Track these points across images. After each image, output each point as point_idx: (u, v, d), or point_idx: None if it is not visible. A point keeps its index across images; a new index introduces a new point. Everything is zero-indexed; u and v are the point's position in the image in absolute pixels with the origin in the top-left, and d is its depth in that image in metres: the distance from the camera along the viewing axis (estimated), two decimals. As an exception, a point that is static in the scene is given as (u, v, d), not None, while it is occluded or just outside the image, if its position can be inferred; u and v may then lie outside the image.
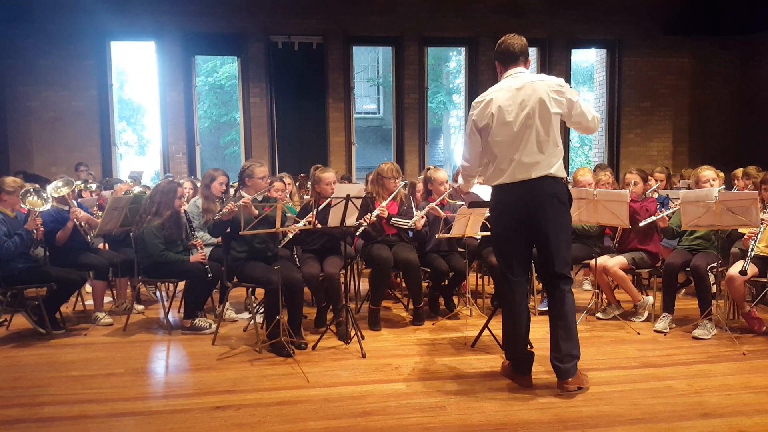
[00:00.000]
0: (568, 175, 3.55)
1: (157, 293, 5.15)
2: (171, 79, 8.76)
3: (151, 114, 21.59)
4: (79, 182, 5.68)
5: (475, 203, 3.67)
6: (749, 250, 3.69)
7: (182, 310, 4.34)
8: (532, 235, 2.98)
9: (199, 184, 5.36)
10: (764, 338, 3.83)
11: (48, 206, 4.20)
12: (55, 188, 4.35)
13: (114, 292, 4.98)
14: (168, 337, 4.10)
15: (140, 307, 4.81)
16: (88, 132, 8.65)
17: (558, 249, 2.94)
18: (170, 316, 4.54)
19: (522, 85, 2.93)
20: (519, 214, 2.95)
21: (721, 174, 4.46)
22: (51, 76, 8.48)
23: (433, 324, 4.29)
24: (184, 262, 4.15)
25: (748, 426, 2.61)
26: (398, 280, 5.35)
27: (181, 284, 4.48)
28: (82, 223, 4.46)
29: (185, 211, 4.43)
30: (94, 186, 5.95)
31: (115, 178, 8.25)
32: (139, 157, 21.60)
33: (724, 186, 4.21)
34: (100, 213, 4.84)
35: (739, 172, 5.67)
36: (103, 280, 4.58)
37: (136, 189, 5.46)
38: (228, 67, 17.70)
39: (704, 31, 9.51)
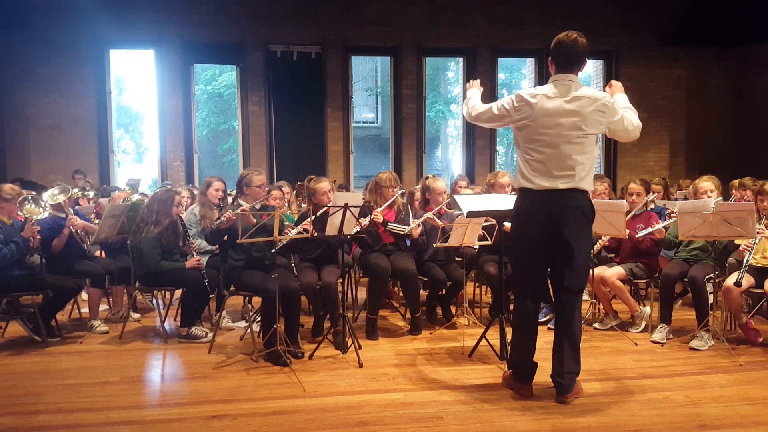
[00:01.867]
0: None
1: (154, 301, 5.14)
2: (170, 87, 8.80)
3: (150, 122, 21.62)
4: (76, 190, 5.67)
5: (474, 213, 3.68)
6: (744, 261, 3.71)
7: (179, 319, 4.33)
8: (552, 246, 2.92)
9: (196, 192, 5.36)
10: (761, 349, 3.83)
11: (45, 214, 4.20)
12: (52, 196, 4.34)
13: (110, 300, 4.96)
14: (164, 346, 4.08)
15: (136, 316, 4.78)
16: (86, 139, 8.66)
17: (575, 263, 2.90)
18: (166, 325, 4.52)
19: (570, 97, 2.87)
20: (542, 223, 2.90)
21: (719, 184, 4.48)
22: (50, 83, 8.50)
23: (430, 333, 4.28)
24: (181, 269, 4.14)
25: (745, 437, 2.60)
26: (395, 289, 5.34)
27: (178, 292, 4.46)
28: (79, 231, 4.45)
29: (180, 218, 4.42)
30: (91, 194, 5.95)
31: (112, 185, 8.25)
32: (137, 165, 21.61)
33: (721, 197, 4.22)
34: (97, 220, 4.83)
35: (735, 182, 5.69)
36: (100, 288, 4.55)
37: (134, 197, 5.46)
38: (227, 76, 17.78)
39: (700, 43, 9.61)
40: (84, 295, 5.03)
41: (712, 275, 3.92)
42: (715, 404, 2.95)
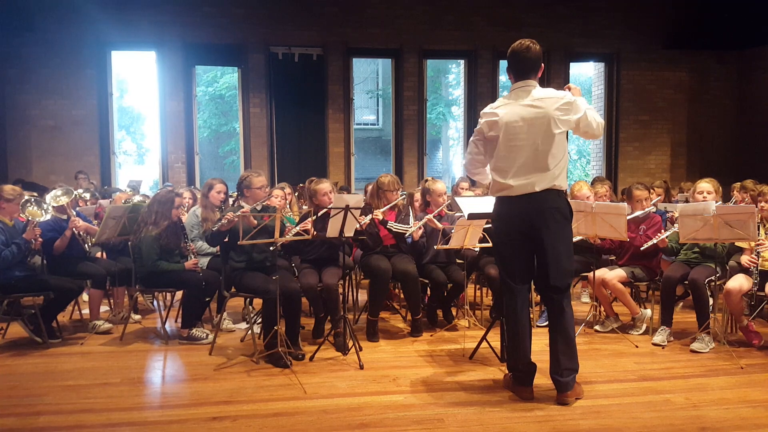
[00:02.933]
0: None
1: (155, 303, 5.14)
2: (171, 88, 8.81)
3: (151, 123, 21.67)
4: (80, 191, 5.68)
5: (474, 215, 3.68)
6: (751, 273, 3.78)
7: (179, 320, 4.33)
8: (534, 247, 3.00)
9: (198, 194, 5.37)
10: (762, 352, 3.82)
11: (48, 217, 4.21)
12: (54, 197, 4.35)
13: (111, 301, 4.96)
14: (165, 347, 4.08)
15: (137, 317, 4.79)
16: (87, 141, 8.67)
17: (557, 262, 2.95)
18: (167, 326, 4.52)
19: (530, 102, 2.96)
20: (521, 226, 2.97)
21: (719, 187, 4.48)
22: (51, 84, 8.52)
23: (431, 335, 4.28)
24: (181, 271, 4.14)
25: (746, 440, 2.60)
26: (396, 291, 5.34)
27: (179, 294, 4.46)
28: (81, 233, 4.45)
29: (180, 219, 4.43)
30: (87, 195, 5.95)
31: (113, 187, 8.26)
32: (138, 166, 21.64)
33: (720, 201, 4.21)
34: (97, 222, 4.84)
35: (737, 185, 5.69)
36: (101, 289, 4.56)
37: (135, 198, 5.47)
38: (228, 78, 17.80)
39: (701, 46, 9.61)
40: (85, 297, 5.04)
41: (713, 278, 3.92)
42: (715, 407, 2.94)
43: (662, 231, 4.22)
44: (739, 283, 3.83)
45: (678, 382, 3.30)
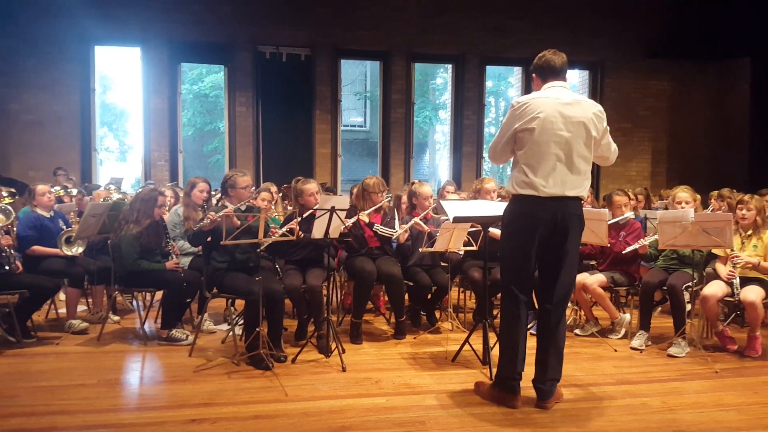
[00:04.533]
0: None
1: (134, 303, 5.07)
2: (156, 85, 8.71)
3: (134, 120, 21.41)
4: (57, 188, 5.58)
5: (460, 218, 3.70)
6: (732, 285, 3.85)
7: (159, 321, 4.27)
8: (546, 254, 2.87)
9: (180, 193, 5.31)
10: (736, 357, 3.90)
11: (10, 220, 4.11)
12: None
13: (89, 300, 4.88)
14: (143, 348, 4.02)
15: (116, 317, 4.71)
16: (68, 137, 8.53)
17: (569, 273, 2.90)
18: (146, 327, 4.46)
19: (570, 101, 2.83)
20: (543, 231, 2.81)
21: (698, 196, 4.57)
22: (32, 78, 8.36)
23: (414, 338, 4.29)
24: (161, 271, 4.09)
25: (720, 444, 2.65)
26: (381, 293, 5.33)
27: (159, 294, 4.41)
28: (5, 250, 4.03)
29: (162, 219, 4.37)
30: (75, 191, 5.85)
31: (94, 183, 8.13)
32: (120, 164, 21.36)
33: (695, 208, 4.30)
34: (77, 219, 4.76)
35: (714, 193, 5.81)
36: (78, 288, 4.48)
37: (114, 196, 5.39)
38: (213, 77, 17.67)
39: (683, 56, 9.79)
40: (61, 296, 4.96)
41: (690, 284, 3.99)
42: (690, 410, 3.00)
43: (642, 237, 4.29)
44: (714, 289, 3.90)
45: (655, 385, 3.35)
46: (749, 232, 3.99)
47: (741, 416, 2.93)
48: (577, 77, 10.60)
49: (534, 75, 3.00)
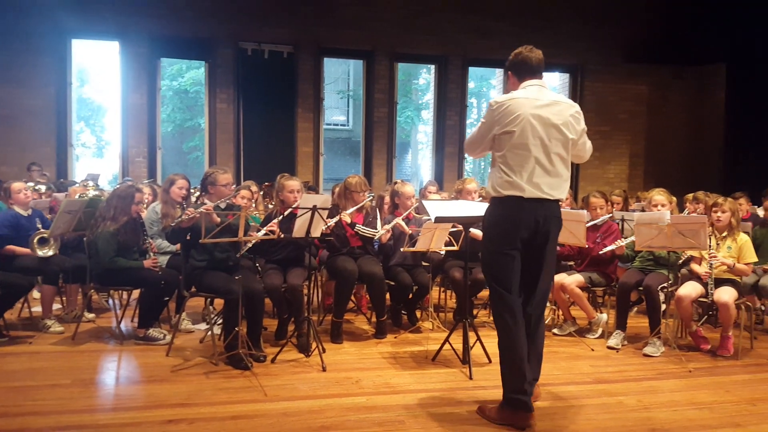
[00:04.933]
0: None
1: (110, 301, 4.98)
2: (134, 81, 8.56)
3: (112, 115, 21.04)
4: (30, 184, 5.45)
5: (441, 218, 3.72)
6: (708, 284, 3.92)
7: (136, 320, 4.20)
8: (527, 257, 2.79)
9: (159, 190, 5.23)
10: (709, 356, 3.99)
11: None
12: None
13: (63, 298, 4.78)
14: (119, 348, 3.96)
15: (91, 316, 4.62)
16: (43, 131, 8.33)
17: (549, 273, 2.87)
18: (123, 326, 4.39)
19: (549, 102, 2.77)
20: (525, 233, 2.75)
21: (674, 198, 4.66)
22: (6, 72, 8.13)
23: (395, 337, 4.29)
24: (139, 269, 4.02)
25: (693, 442, 2.70)
26: (364, 293, 5.33)
27: (136, 293, 4.34)
28: None
29: (140, 216, 4.31)
30: (44, 188, 5.72)
31: (70, 179, 7.96)
32: (97, 160, 20.97)
33: (671, 211, 4.39)
34: (52, 216, 4.66)
35: (690, 196, 5.93)
36: (53, 286, 4.39)
37: (90, 192, 5.28)
38: (194, 72, 17.44)
39: (661, 61, 9.98)
40: (36, 294, 4.85)
41: (665, 284, 4.07)
42: (665, 408, 3.05)
43: (620, 238, 4.36)
44: (689, 290, 3.98)
45: (631, 384, 3.41)
46: (724, 234, 4.09)
47: (713, 414, 3.00)
48: (557, 80, 10.73)
49: (510, 73, 2.92)
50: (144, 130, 8.64)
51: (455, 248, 4.17)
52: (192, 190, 5.00)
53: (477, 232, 4.29)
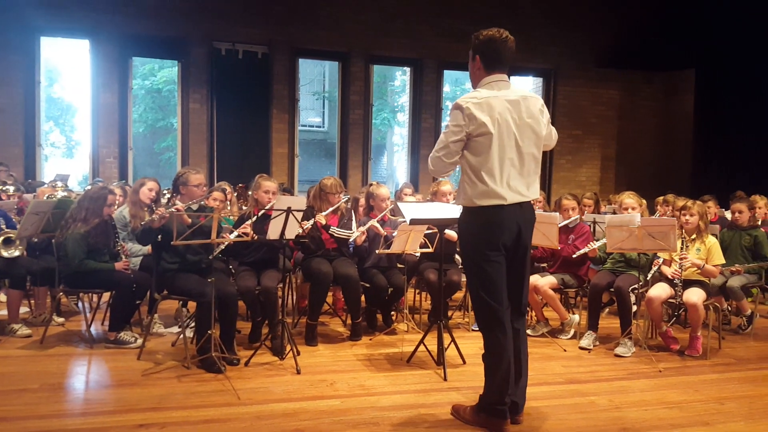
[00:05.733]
0: None
1: (80, 304, 4.86)
2: (105, 80, 8.37)
3: (82, 115, 20.56)
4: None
5: (416, 220, 3.73)
6: (675, 284, 4.02)
7: (106, 323, 4.11)
8: (510, 265, 2.69)
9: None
10: (678, 356, 4.09)
11: None
12: None
13: (31, 302, 4.65)
14: (89, 351, 3.86)
15: (60, 319, 4.50)
16: (10, 131, 8.08)
17: (528, 278, 2.84)
18: (93, 329, 4.29)
19: (516, 98, 2.65)
20: (508, 239, 2.64)
21: (644, 201, 4.77)
22: (-29, 69, 7.89)
23: (370, 339, 4.29)
24: (110, 271, 3.93)
25: (661, 439, 2.77)
26: (338, 294, 5.31)
27: (106, 295, 4.24)
28: None
29: (111, 218, 4.22)
30: (12, 189, 5.55)
31: (38, 180, 7.75)
32: (67, 160, 20.45)
33: (642, 213, 4.49)
34: (19, 218, 4.52)
35: (660, 199, 6.09)
36: (20, 289, 4.26)
37: (59, 193, 5.15)
38: (166, 72, 17.15)
39: (631, 66, 10.23)
40: (2, 297, 4.71)
41: (636, 286, 4.16)
42: (636, 408, 3.12)
43: (591, 240, 4.44)
44: (659, 291, 4.08)
45: (602, 384, 3.48)
46: (693, 237, 4.20)
47: (683, 413, 3.07)
48: (531, 84, 10.89)
49: (477, 56, 2.74)
50: (115, 130, 8.46)
51: (430, 250, 4.19)
52: (165, 192, 4.92)
53: (452, 234, 4.32)
